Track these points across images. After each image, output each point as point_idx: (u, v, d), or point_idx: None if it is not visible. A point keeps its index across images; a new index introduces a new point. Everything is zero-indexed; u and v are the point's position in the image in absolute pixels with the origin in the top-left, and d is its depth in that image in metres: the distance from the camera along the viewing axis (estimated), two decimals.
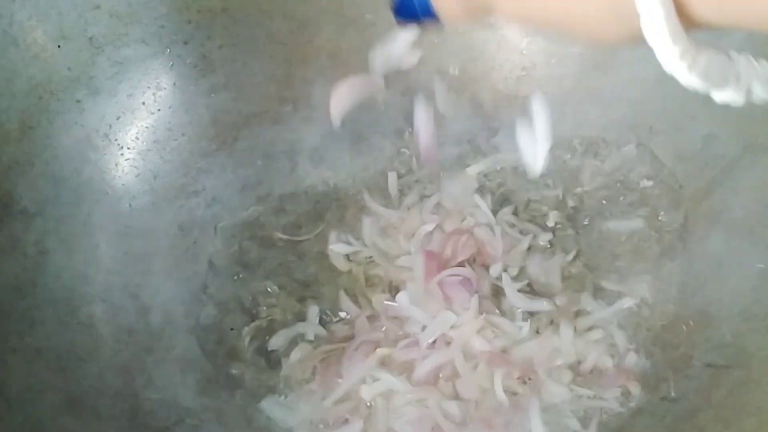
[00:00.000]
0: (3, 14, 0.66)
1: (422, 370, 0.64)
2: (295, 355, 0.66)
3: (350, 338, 0.67)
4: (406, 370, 0.64)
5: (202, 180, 0.76)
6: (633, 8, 0.36)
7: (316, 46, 0.79)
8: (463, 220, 0.73)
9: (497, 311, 0.67)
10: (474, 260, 0.70)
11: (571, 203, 0.75)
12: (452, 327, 0.65)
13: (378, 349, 0.65)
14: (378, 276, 0.71)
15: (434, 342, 0.65)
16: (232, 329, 0.69)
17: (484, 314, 0.66)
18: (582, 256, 0.72)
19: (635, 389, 0.63)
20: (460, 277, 0.68)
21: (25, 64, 0.67)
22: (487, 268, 0.70)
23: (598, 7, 0.38)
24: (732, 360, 0.60)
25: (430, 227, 0.72)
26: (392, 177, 0.77)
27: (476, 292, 0.67)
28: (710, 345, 0.63)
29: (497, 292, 0.69)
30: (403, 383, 0.63)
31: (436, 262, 0.69)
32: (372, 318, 0.68)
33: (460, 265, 0.69)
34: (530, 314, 0.67)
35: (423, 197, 0.75)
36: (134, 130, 0.74)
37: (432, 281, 0.67)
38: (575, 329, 0.66)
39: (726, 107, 0.69)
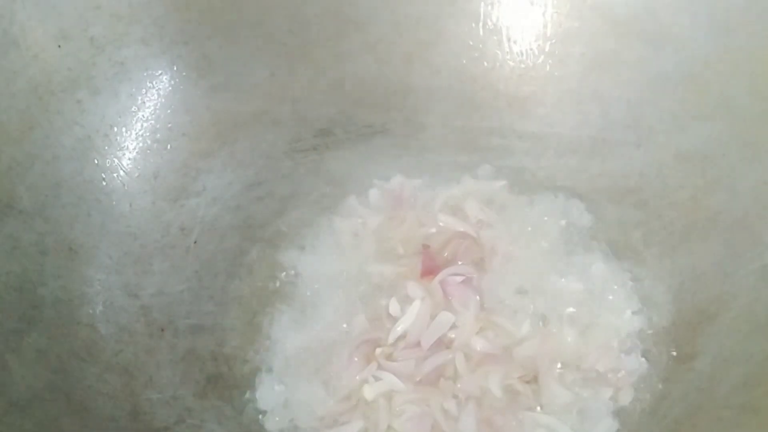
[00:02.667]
0: (3, 14, 0.66)
1: (424, 371, 0.63)
2: (294, 344, 0.67)
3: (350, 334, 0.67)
4: (407, 369, 0.64)
5: (202, 180, 0.76)
6: None
7: (316, 46, 0.79)
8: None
9: (499, 310, 0.67)
10: (479, 262, 0.70)
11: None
12: (453, 327, 0.66)
13: (378, 349, 0.65)
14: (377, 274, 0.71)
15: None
16: (232, 329, 0.69)
17: (485, 313, 0.66)
18: None
19: (628, 392, 0.63)
20: (462, 277, 0.68)
21: (26, 64, 0.67)
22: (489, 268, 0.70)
23: None
24: (732, 360, 0.60)
25: (431, 228, 0.72)
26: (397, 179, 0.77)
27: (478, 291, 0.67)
28: (710, 345, 0.63)
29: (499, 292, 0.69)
30: (405, 383, 0.63)
31: (434, 262, 0.69)
32: (372, 318, 0.68)
33: None
34: (532, 314, 0.67)
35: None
36: (134, 130, 0.74)
37: (429, 280, 0.68)
38: (577, 329, 0.66)
39: (726, 107, 0.69)
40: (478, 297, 0.67)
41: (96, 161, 0.72)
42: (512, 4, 0.78)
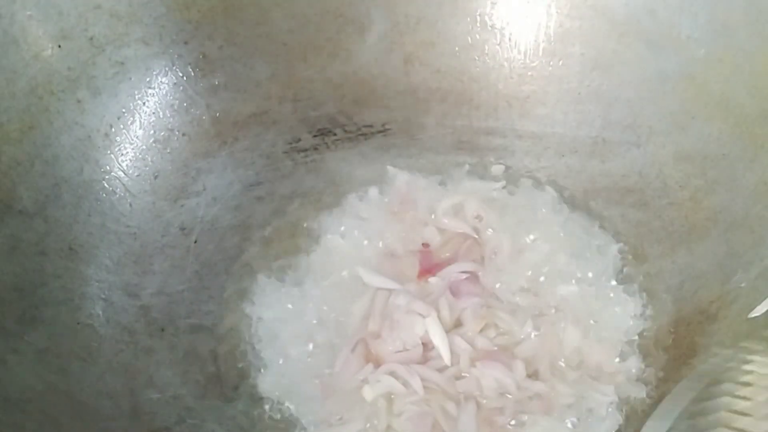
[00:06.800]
0: (3, 14, 0.66)
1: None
2: (293, 344, 0.67)
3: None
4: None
5: (202, 180, 0.76)
6: None
7: (316, 46, 0.79)
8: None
9: (500, 310, 0.67)
10: (479, 262, 0.70)
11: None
12: (455, 327, 0.66)
13: (382, 366, 0.64)
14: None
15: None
16: (231, 329, 0.69)
17: (486, 311, 0.66)
18: None
19: (628, 392, 0.63)
20: (468, 273, 0.68)
21: (26, 64, 0.67)
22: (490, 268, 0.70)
23: None
24: (731, 361, 0.60)
25: (431, 228, 0.72)
26: (392, 170, 0.77)
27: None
28: (710, 345, 0.63)
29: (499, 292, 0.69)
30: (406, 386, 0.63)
31: (433, 261, 0.69)
32: (370, 317, 0.68)
33: None
34: (534, 313, 0.67)
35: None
36: (134, 130, 0.74)
37: (425, 279, 0.68)
38: (577, 329, 0.66)
39: (726, 107, 0.69)
40: (479, 298, 0.66)
41: (96, 161, 0.72)
42: (512, 4, 0.78)
